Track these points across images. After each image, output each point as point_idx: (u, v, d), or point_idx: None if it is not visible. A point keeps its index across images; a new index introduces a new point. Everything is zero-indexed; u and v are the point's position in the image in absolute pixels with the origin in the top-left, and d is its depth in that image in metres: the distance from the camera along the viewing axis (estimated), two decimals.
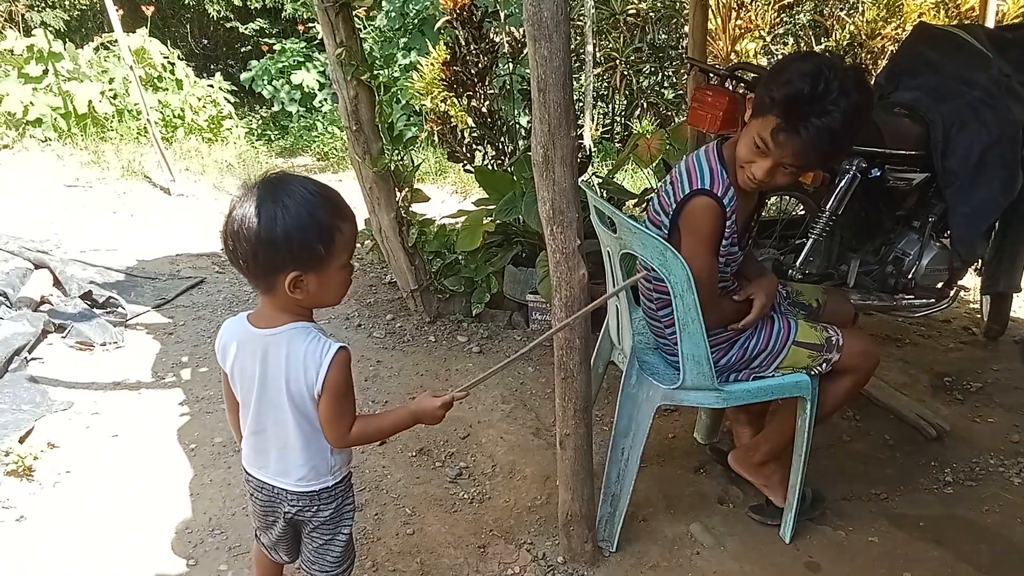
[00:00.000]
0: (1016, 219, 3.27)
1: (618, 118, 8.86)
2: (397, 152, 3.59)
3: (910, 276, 3.27)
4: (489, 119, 4.19)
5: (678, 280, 1.95)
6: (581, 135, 7.53)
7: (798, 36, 8.31)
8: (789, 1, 7.88)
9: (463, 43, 4.06)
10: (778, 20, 7.88)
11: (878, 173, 3.07)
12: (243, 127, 9.40)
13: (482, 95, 4.12)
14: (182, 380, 3.32)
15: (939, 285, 3.34)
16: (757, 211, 2.22)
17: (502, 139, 4.23)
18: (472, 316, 3.91)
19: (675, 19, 8.53)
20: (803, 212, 3.64)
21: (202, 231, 5.47)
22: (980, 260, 3.49)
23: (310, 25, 10.04)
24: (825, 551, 2.30)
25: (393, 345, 3.69)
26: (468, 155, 4.30)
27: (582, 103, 7.87)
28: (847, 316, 2.43)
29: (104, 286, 4.17)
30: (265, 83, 9.87)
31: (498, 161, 4.26)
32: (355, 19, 3.40)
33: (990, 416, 3.09)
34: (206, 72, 10.15)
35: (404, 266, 3.78)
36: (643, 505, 2.47)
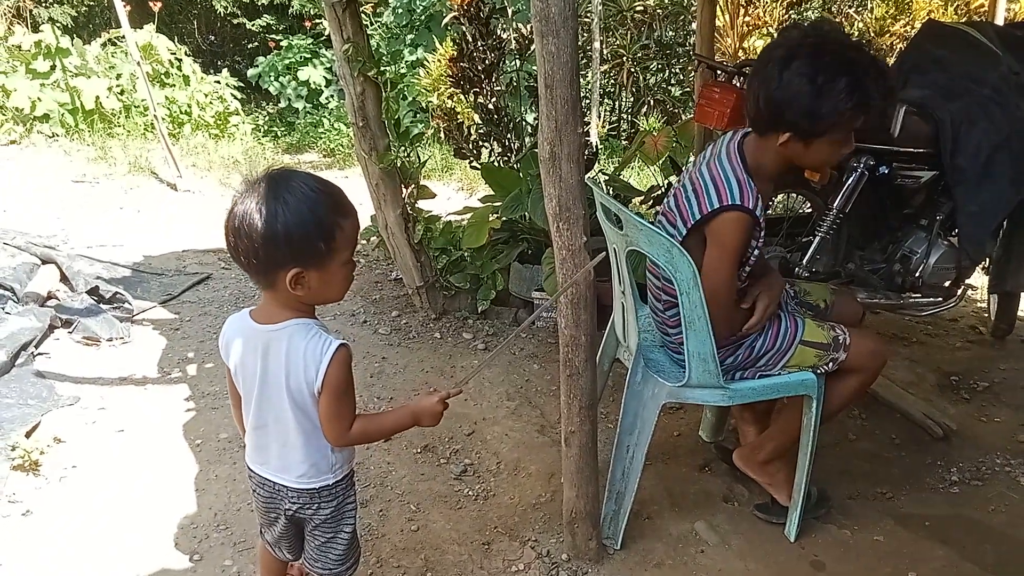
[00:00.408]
0: None
1: (625, 115, 8.85)
2: (403, 148, 3.59)
3: (917, 275, 3.25)
4: (496, 116, 4.19)
5: (684, 278, 1.94)
6: (588, 132, 7.52)
7: None
8: None
9: (470, 39, 4.06)
10: (786, 17, 7.86)
11: (886, 171, 3.06)
12: (250, 123, 9.41)
13: (489, 92, 4.12)
14: (188, 376, 3.33)
15: (946, 284, 3.33)
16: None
17: (509, 136, 4.23)
18: (478, 313, 3.91)
19: (682, 16, 8.52)
20: (810, 210, 3.64)
21: (208, 227, 5.47)
22: (988, 259, 3.47)
23: (317, 21, 10.06)
24: (830, 550, 2.29)
25: (398, 342, 3.69)
26: (474, 152, 4.30)
27: (589, 100, 7.86)
28: (855, 316, 2.42)
29: (111, 281, 4.18)
30: (272, 79, 9.88)
31: (504, 158, 4.26)
32: (362, 15, 3.40)
33: (997, 415, 3.08)
34: (213, 68, 10.18)
35: (410, 262, 3.78)
36: (648, 503, 2.47)
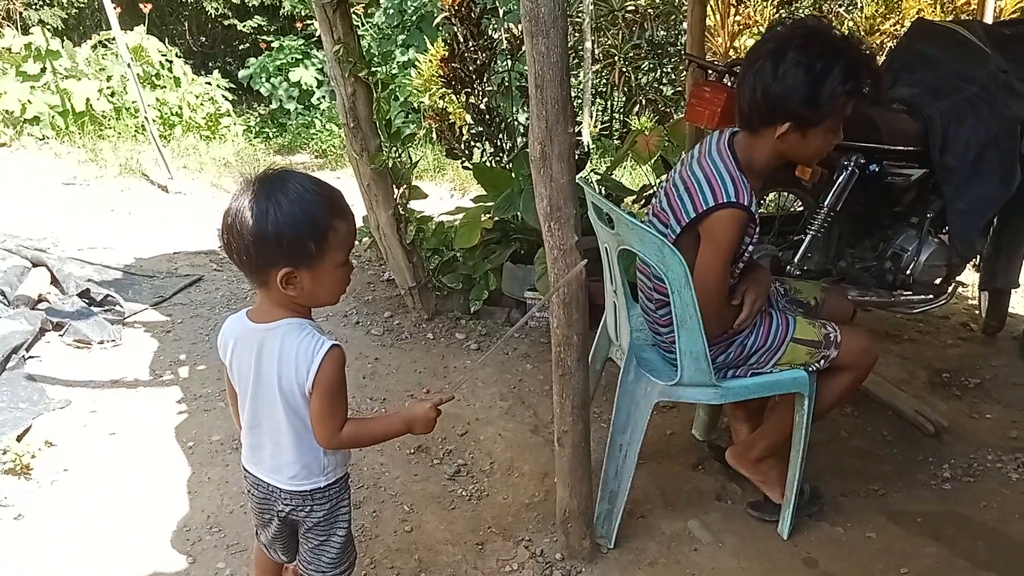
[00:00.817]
0: (1014, 215, 3.27)
1: (617, 115, 8.84)
2: (395, 149, 3.59)
3: (908, 272, 3.26)
4: (487, 116, 4.19)
5: (676, 276, 1.94)
6: (580, 132, 7.53)
7: None
8: None
9: (461, 40, 4.06)
10: (776, 16, 7.87)
11: (876, 169, 3.07)
12: (241, 124, 9.39)
13: (480, 92, 4.12)
14: (180, 378, 3.32)
15: (937, 281, 3.34)
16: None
17: (500, 136, 4.23)
18: (470, 313, 3.91)
19: (674, 15, 8.52)
20: (801, 208, 3.64)
21: (200, 229, 5.46)
22: (978, 256, 3.49)
23: (308, 22, 10.03)
24: (823, 547, 2.30)
25: (391, 342, 3.69)
26: (466, 152, 4.30)
27: (581, 100, 7.86)
28: (846, 313, 2.43)
29: (102, 284, 4.17)
30: (263, 80, 9.85)
31: (496, 158, 4.26)
32: (353, 16, 3.39)
33: (988, 412, 3.09)
34: (204, 70, 10.14)
35: (402, 263, 3.78)
36: (641, 502, 2.47)
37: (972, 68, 3.20)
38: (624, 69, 8.24)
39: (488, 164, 4.22)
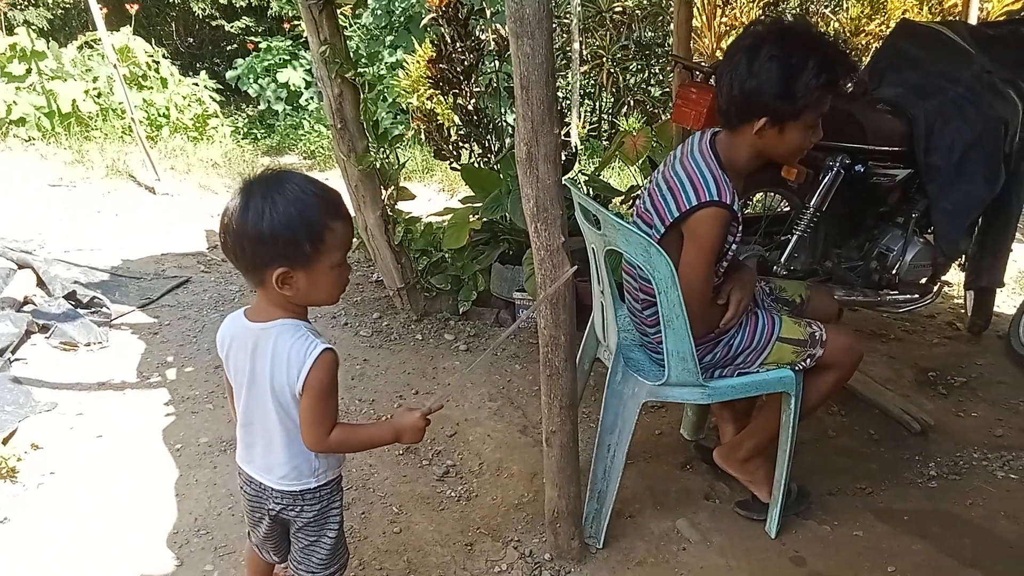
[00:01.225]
0: (998, 215, 3.30)
1: (605, 116, 8.85)
2: (383, 150, 3.58)
3: (894, 272, 3.28)
4: (475, 117, 4.19)
5: (662, 276, 1.95)
6: (568, 133, 7.53)
7: None
8: None
9: (449, 41, 4.06)
10: (763, 17, 7.90)
11: (861, 169, 3.09)
12: (229, 126, 9.34)
13: (468, 93, 4.12)
14: (167, 380, 3.30)
15: (923, 280, 3.37)
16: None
17: (488, 137, 4.23)
18: (459, 314, 3.90)
19: (661, 17, 8.53)
20: (787, 209, 3.66)
21: (187, 230, 5.44)
22: (963, 255, 3.51)
23: (296, 23, 10.00)
24: (810, 545, 2.31)
25: (380, 344, 3.68)
26: (454, 153, 4.30)
27: (569, 101, 7.87)
28: (831, 312, 2.44)
29: (88, 286, 4.14)
30: (251, 81, 9.82)
31: (484, 159, 4.26)
32: (340, 17, 3.39)
33: (974, 410, 3.11)
34: (191, 70, 10.09)
35: (390, 264, 3.78)
36: (630, 501, 2.48)
37: (957, 69, 3.22)
38: (612, 70, 8.25)
39: (476, 165, 4.22)
